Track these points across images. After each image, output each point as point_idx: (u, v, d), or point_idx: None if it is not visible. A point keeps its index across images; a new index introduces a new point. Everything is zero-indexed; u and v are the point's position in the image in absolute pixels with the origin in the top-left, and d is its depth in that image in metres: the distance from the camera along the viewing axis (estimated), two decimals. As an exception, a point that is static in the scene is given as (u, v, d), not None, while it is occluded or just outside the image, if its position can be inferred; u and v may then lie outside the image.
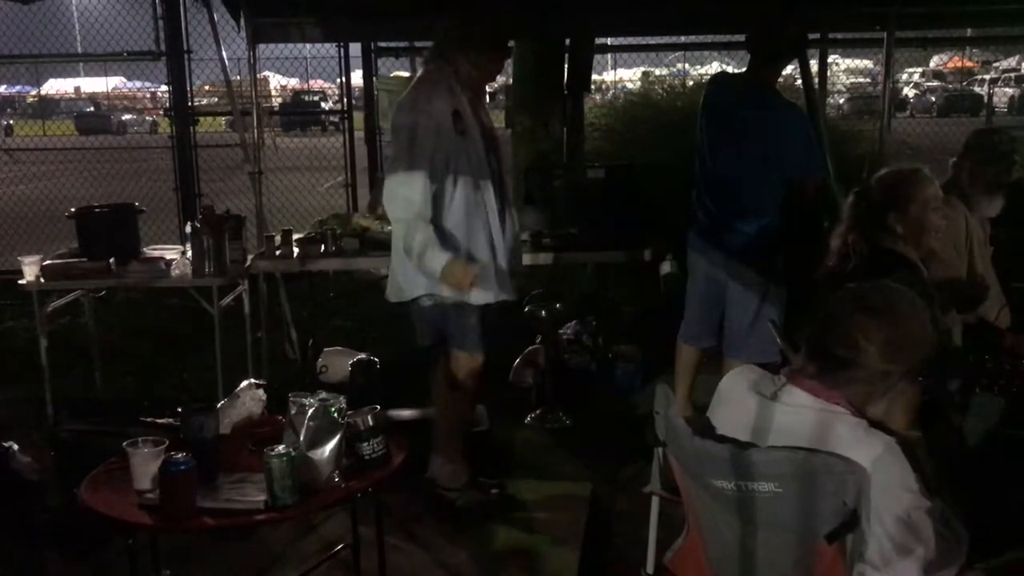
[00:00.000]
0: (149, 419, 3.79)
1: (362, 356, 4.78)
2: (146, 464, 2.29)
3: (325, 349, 5.11)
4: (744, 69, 3.93)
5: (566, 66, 6.28)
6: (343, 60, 6.76)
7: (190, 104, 6.80)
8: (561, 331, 4.92)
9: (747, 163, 3.74)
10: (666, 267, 4.50)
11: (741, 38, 3.95)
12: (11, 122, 28.52)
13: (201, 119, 9.25)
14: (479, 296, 3.32)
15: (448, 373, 3.48)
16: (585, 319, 5.03)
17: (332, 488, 2.31)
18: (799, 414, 1.89)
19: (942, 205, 2.94)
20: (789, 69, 4.35)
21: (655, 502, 2.26)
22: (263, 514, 2.19)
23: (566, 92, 6.15)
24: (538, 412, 4.55)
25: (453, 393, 3.50)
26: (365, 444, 2.40)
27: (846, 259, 2.83)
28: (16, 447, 3.95)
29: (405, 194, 3.18)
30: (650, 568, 2.26)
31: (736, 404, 2.01)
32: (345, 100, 6.93)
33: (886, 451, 1.81)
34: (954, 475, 2.43)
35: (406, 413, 3.84)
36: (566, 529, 3.41)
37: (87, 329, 5.06)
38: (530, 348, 4.83)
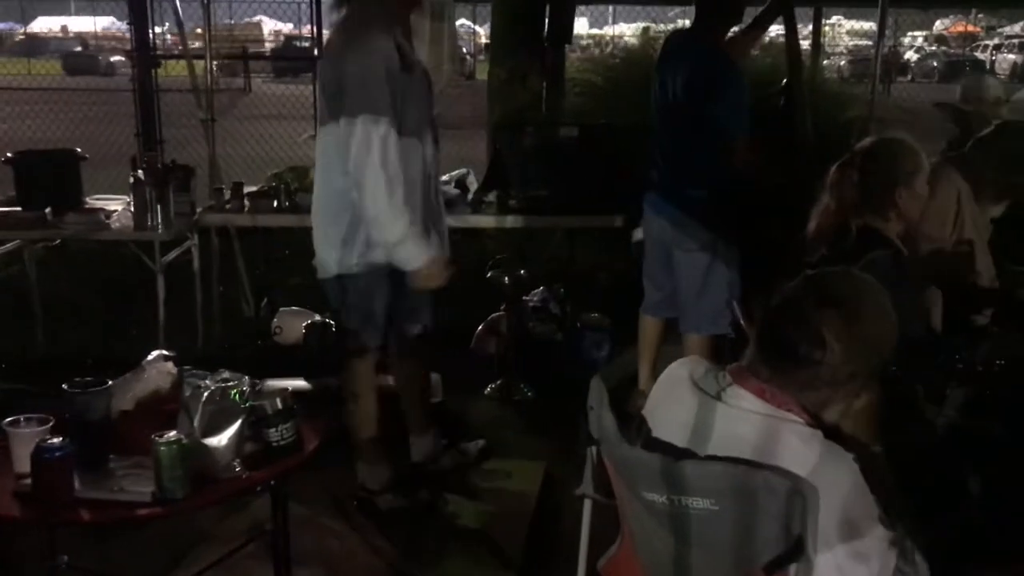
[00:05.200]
0: (86, 379, 3.57)
1: (317, 318, 4.58)
2: (26, 446, 2.05)
3: (281, 309, 4.89)
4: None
5: (547, 17, 5.96)
6: (314, 4, 6.42)
7: (152, 47, 6.46)
8: (527, 298, 4.69)
9: (682, 124, 3.57)
10: (638, 234, 4.27)
11: None
12: (-4, 59, 27.94)
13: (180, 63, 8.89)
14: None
15: (345, 374, 3.20)
16: (553, 286, 4.80)
17: (231, 479, 2.08)
18: (744, 420, 1.66)
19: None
20: (776, 28, 4.08)
21: (587, 505, 2.04)
22: (147, 508, 1.96)
23: (546, 44, 5.84)
24: (499, 383, 4.34)
25: (351, 397, 3.21)
26: (273, 430, 2.17)
27: (838, 243, 2.57)
28: (-61, 407, 3.73)
29: (379, 146, 2.77)
30: (580, 576, 2.05)
31: (677, 402, 1.77)
32: (319, 48, 6.59)
33: (841, 469, 1.58)
34: (925, 470, 2.25)
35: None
36: (514, 512, 3.24)
37: (29, 281, 4.81)
38: (493, 315, 4.60)
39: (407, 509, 3.20)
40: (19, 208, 4.23)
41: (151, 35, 6.43)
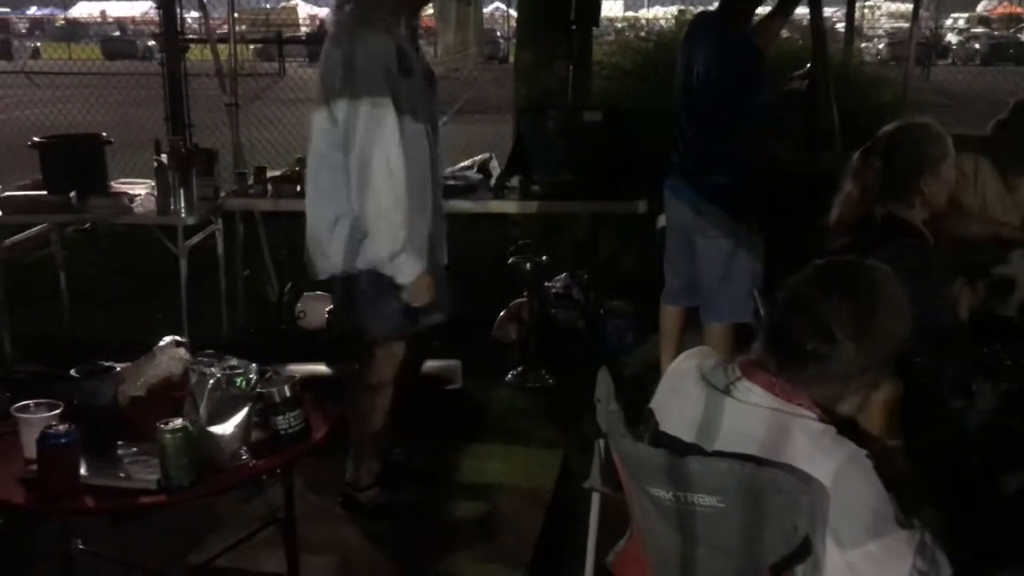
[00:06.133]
0: (106, 363, 3.59)
1: (341, 303, 4.56)
2: (34, 431, 2.05)
3: (305, 294, 4.89)
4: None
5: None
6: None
7: (180, 31, 6.47)
8: (550, 284, 4.64)
9: (702, 108, 3.50)
10: (663, 220, 4.21)
11: None
12: (38, 44, 28.31)
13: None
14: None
15: (366, 365, 3.04)
16: (576, 272, 4.74)
17: (237, 467, 2.07)
18: (753, 415, 1.61)
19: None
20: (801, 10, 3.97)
21: (595, 498, 2.00)
22: (151, 496, 1.95)
23: (573, 27, 5.75)
24: (519, 370, 4.30)
25: (369, 389, 3.04)
26: (280, 418, 2.15)
27: (862, 232, 2.49)
28: (-35, 388, 3.76)
29: (386, 155, 2.66)
30: (588, 573, 2.01)
31: (685, 396, 1.73)
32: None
33: (854, 465, 1.53)
34: (950, 467, 2.18)
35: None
36: (530, 502, 3.19)
37: (56, 264, 4.85)
38: (515, 301, 4.56)
39: (393, 506, 3.10)
40: (44, 192, 4.25)
41: (179, 19, 6.43)
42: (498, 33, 20.67)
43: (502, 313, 4.59)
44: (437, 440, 3.55)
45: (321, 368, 4.11)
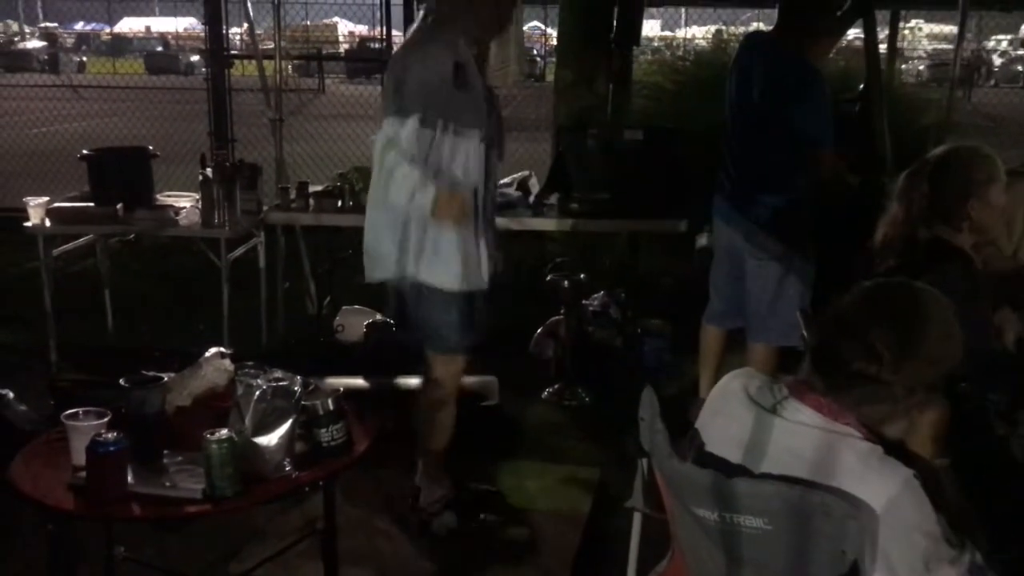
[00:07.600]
0: (151, 372, 3.63)
1: (379, 317, 4.59)
2: (83, 439, 2.08)
3: (343, 307, 4.92)
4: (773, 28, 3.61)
5: (615, 18, 5.89)
6: (383, 6, 6.47)
7: (226, 47, 6.58)
8: (587, 302, 4.64)
9: (766, 132, 3.44)
10: (702, 240, 4.21)
11: None
12: (84, 59, 28.84)
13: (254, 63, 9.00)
14: (459, 282, 2.88)
15: (427, 378, 3.07)
16: (614, 291, 4.73)
17: (281, 478, 2.09)
18: (802, 435, 1.60)
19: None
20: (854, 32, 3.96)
21: (637, 518, 1.99)
22: (196, 505, 1.97)
23: (613, 46, 5.77)
24: (556, 387, 4.30)
25: (431, 407, 3.08)
26: (323, 431, 2.17)
27: (908, 254, 2.47)
28: (11, 395, 3.81)
29: (391, 134, 2.74)
30: (629, 593, 2.00)
31: (731, 416, 1.72)
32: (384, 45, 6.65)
33: (903, 486, 1.52)
34: (995, 496, 2.15)
35: (415, 382, 3.62)
36: (566, 520, 3.18)
37: (101, 274, 4.93)
38: (552, 319, 4.56)
39: (467, 532, 3.08)
40: (92, 204, 4.32)
41: (225, 35, 6.54)
42: (535, 51, 20.74)
43: (539, 330, 4.59)
44: (473, 456, 3.54)
45: (359, 382, 4.12)
